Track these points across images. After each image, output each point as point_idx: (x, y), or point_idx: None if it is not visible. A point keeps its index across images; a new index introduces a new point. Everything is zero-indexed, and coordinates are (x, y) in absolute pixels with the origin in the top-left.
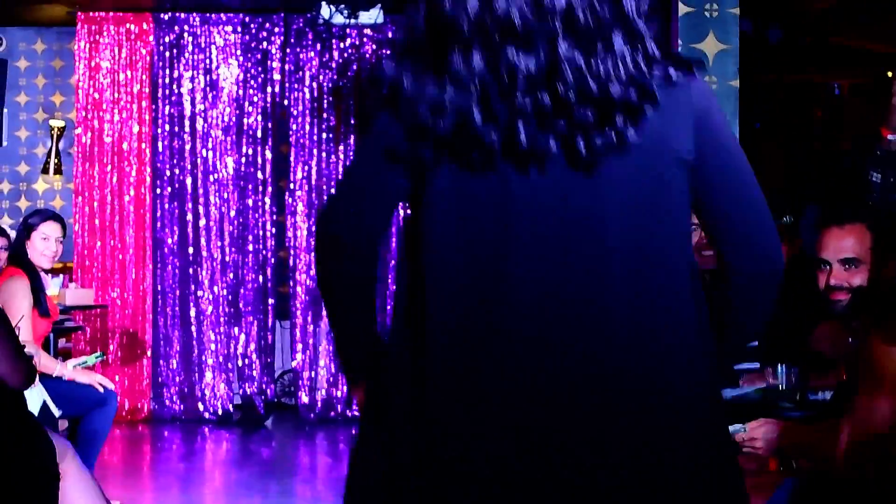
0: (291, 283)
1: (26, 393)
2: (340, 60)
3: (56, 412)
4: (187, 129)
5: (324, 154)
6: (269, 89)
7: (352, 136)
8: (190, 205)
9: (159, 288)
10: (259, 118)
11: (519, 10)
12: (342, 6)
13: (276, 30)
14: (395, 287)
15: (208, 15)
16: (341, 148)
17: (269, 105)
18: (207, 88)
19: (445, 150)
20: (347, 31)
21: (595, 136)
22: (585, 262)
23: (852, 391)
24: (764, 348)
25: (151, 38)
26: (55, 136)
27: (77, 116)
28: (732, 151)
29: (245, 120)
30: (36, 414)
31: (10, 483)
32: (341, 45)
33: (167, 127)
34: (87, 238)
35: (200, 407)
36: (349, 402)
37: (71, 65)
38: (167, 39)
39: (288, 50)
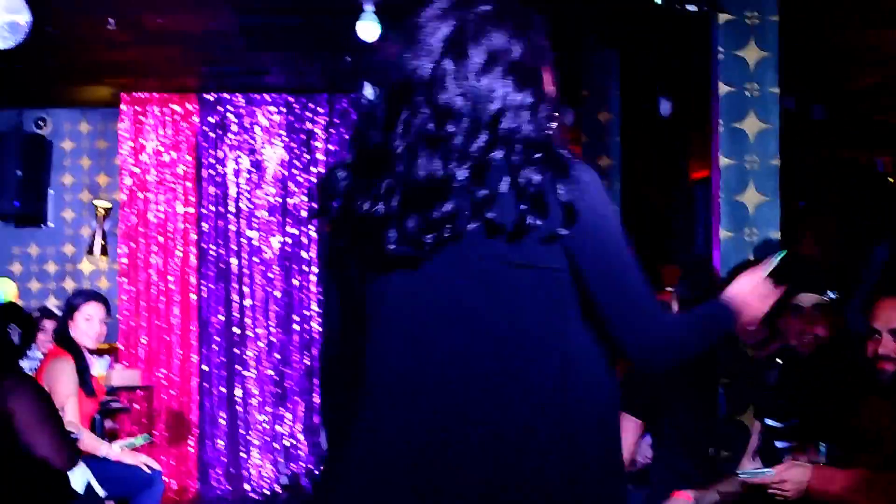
0: None
1: (72, 473)
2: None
3: (101, 493)
4: (232, 209)
5: None
6: (313, 169)
7: None
8: (235, 285)
9: (205, 368)
10: (304, 198)
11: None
12: None
13: (321, 110)
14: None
15: (253, 95)
16: None
17: (313, 185)
18: (252, 169)
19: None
20: None
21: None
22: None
23: None
24: (806, 425)
25: (196, 118)
26: (100, 217)
27: (122, 197)
28: (607, 241)
29: (290, 200)
30: (81, 494)
31: None
32: None
33: (212, 207)
34: (132, 319)
35: (247, 487)
36: None
37: (115, 146)
38: (212, 120)
39: (332, 130)
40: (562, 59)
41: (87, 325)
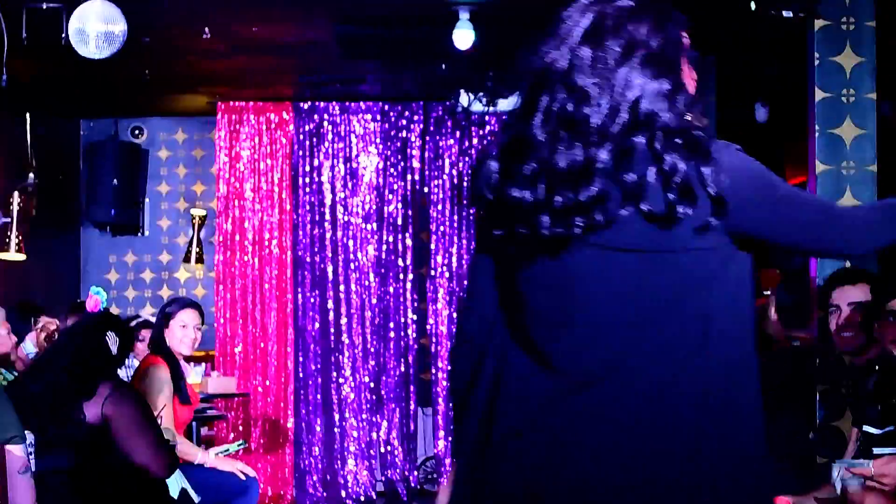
0: (433, 370)
1: (167, 480)
2: (480, 147)
3: (196, 499)
4: (328, 217)
5: (464, 241)
6: (408, 177)
7: None
8: (331, 292)
9: (301, 375)
10: (399, 206)
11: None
12: (481, 94)
13: (416, 118)
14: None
15: (348, 104)
16: None
17: (409, 192)
18: (347, 176)
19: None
20: (486, 118)
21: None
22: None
23: None
24: None
25: (291, 126)
26: (196, 225)
27: (218, 205)
28: (771, 205)
29: (385, 207)
30: (176, 500)
31: None
32: (480, 132)
33: (308, 215)
34: (228, 326)
35: (343, 494)
36: None
37: (211, 154)
38: (307, 128)
39: (427, 138)
40: None
41: (183, 333)
